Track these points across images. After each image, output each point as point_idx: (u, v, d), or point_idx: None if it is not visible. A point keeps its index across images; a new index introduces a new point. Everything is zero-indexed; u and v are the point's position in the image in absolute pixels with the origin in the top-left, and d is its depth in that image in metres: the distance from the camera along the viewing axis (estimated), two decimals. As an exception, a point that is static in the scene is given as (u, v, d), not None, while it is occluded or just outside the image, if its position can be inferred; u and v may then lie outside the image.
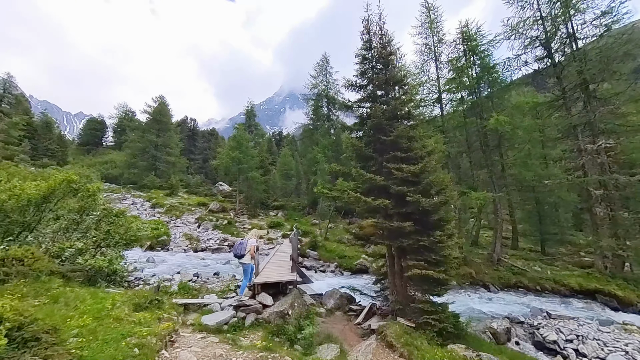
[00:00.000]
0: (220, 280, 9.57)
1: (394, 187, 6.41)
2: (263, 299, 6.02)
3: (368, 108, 8.21)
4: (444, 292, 6.37)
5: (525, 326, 7.92)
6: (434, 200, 6.06)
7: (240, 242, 6.64)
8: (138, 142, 38.77)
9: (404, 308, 6.59)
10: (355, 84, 8.69)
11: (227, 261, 13.24)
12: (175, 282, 8.57)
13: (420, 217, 6.76)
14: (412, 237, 6.42)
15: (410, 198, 6.03)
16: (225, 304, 6.09)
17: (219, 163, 27.68)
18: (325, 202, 21.56)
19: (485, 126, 15.14)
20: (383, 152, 7.72)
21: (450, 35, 17.71)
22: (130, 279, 8.05)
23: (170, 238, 15.88)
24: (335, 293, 7.98)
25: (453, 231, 6.79)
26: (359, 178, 6.94)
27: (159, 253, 13.93)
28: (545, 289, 12.68)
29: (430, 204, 6.09)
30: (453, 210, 11.87)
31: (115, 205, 23.55)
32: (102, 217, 7.35)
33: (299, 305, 6.34)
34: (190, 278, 9.28)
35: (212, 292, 7.59)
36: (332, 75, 35.21)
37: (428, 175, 6.57)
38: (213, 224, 21.19)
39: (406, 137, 7.37)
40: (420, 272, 5.95)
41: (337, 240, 19.01)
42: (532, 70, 16.50)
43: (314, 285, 11.20)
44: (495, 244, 14.60)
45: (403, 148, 7.25)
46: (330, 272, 13.89)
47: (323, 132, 32.56)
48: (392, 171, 6.71)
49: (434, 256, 6.17)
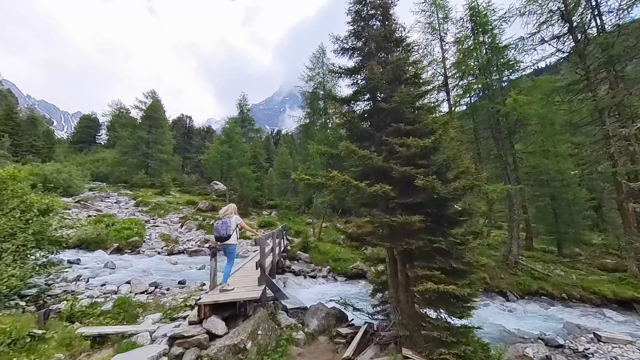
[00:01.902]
0: (183, 291, 7.80)
1: (397, 168, 4.62)
2: (212, 326, 4.25)
3: (364, 73, 6.43)
4: (468, 314, 4.58)
5: (568, 351, 6.13)
6: (454, 185, 4.26)
7: (222, 222, 5.22)
8: (128, 139, 37.08)
9: (411, 334, 4.80)
10: (346, 46, 6.92)
11: (203, 265, 11.48)
12: (120, 294, 6.81)
13: (432, 209, 4.98)
14: (423, 236, 4.64)
15: (421, 182, 4.24)
16: (160, 332, 4.34)
17: (207, 158, 25.91)
18: (320, 199, 19.77)
19: (498, 111, 13.36)
20: (382, 127, 5.94)
21: (457, 13, 15.89)
22: (57, 291, 6.26)
23: (143, 239, 14.11)
24: (320, 309, 6.19)
25: (480, 228, 5.00)
26: (350, 157, 5.15)
27: (126, 256, 12.17)
28: (573, 297, 10.85)
29: (449, 190, 4.30)
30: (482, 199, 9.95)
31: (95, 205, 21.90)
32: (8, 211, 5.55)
33: (265, 331, 4.56)
34: (145, 289, 7.51)
35: (160, 311, 5.83)
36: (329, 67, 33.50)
37: (443, 153, 4.79)
38: (198, 224, 19.45)
39: (412, 104, 5.60)
40: (435, 288, 4.16)
41: (331, 241, 17.23)
42: (542, 60, 14.67)
43: (301, 295, 9.42)
44: (511, 244, 12.79)
45: (408, 119, 5.48)
46: (322, 278, 12.12)
47: (319, 126, 30.84)
48: (394, 148, 4.94)
49: (454, 263, 4.40)
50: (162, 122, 40.80)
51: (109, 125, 55.94)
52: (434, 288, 4.22)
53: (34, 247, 5.65)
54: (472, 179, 4.25)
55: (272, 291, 5.36)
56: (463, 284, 4.47)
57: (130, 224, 14.90)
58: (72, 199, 20.75)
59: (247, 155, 26.81)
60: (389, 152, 5.47)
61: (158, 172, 36.21)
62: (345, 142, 4.75)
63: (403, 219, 4.29)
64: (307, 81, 33.37)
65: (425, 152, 4.88)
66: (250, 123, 35.33)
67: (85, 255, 11.40)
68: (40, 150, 37.50)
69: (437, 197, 4.48)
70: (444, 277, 4.51)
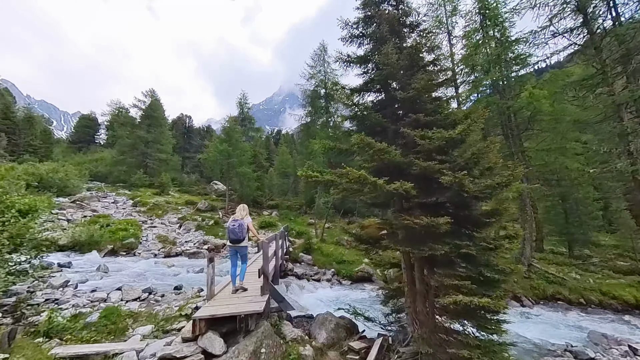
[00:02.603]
0: (178, 297, 7.24)
1: (420, 163, 4.05)
2: (209, 344, 3.70)
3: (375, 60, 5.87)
4: (500, 329, 4.01)
5: (601, 367, 5.58)
6: (486, 182, 3.69)
7: (234, 224, 5.10)
8: (127, 138, 36.54)
9: (434, 351, 4.24)
10: (356, 32, 6.37)
11: (202, 269, 10.91)
12: (110, 302, 6.25)
13: (456, 209, 4.43)
14: (448, 240, 4.08)
15: (448, 179, 3.68)
16: (149, 351, 3.78)
17: (206, 157, 25.35)
18: (323, 199, 19.22)
19: (509, 107, 12.81)
20: (397, 119, 5.39)
21: (465, 5, 15.33)
22: (39, 300, 5.69)
23: (139, 241, 13.54)
24: (329, 320, 5.63)
25: (516, 230, 4.43)
26: (364, 152, 4.59)
27: (121, 259, 11.61)
28: (591, 303, 10.30)
29: (480, 188, 3.73)
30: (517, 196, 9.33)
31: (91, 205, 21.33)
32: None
33: (269, 348, 4.00)
34: (138, 295, 6.95)
35: (152, 322, 5.26)
36: (331, 65, 32.98)
37: (471, 145, 4.23)
38: (197, 224, 18.88)
39: (431, 93, 5.05)
40: (468, 301, 3.59)
41: (335, 242, 16.69)
42: (555, 54, 14.08)
43: (305, 300, 8.87)
44: (524, 246, 12.22)
45: (427, 110, 4.92)
46: (326, 281, 11.55)
47: (321, 125, 30.31)
48: (414, 141, 4.38)
49: (486, 272, 3.83)
50: (162, 121, 40.24)
51: (108, 125, 55.46)
52: (465, 301, 3.65)
53: (11, 251, 5.09)
54: (507, 175, 3.69)
55: (277, 301, 4.81)
56: (497, 295, 3.92)
57: (126, 225, 14.35)
58: (68, 199, 20.20)
59: (247, 154, 26.27)
60: (405, 146, 4.93)
61: (157, 172, 35.64)
62: (359, 135, 4.19)
63: (429, 220, 3.72)
64: (309, 79, 32.89)
65: (449, 145, 4.32)
66: (250, 122, 34.78)
67: (78, 258, 10.85)
68: (37, 150, 36.98)
69: (464, 196, 3.92)
70: (473, 287, 3.97)
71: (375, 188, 3.97)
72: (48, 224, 6.65)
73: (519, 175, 3.74)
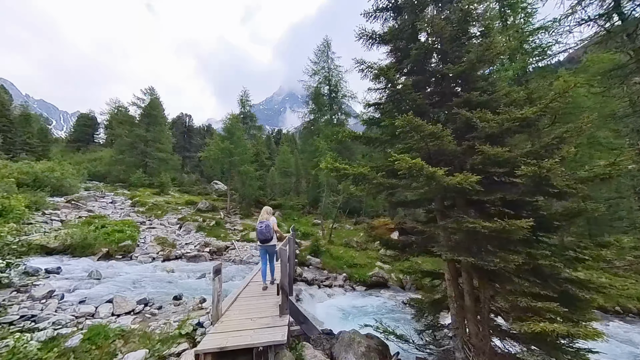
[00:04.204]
0: (178, 310, 6.35)
1: (485, 149, 3.16)
2: (216, 386, 2.83)
3: (406, 37, 4.96)
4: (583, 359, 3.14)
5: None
6: (582, 175, 2.80)
7: (261, 225, 5.52)
8: (126, 137, 35.66)
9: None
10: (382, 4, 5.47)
11: (203, 274, 10.05)
12: (98, 318, 5.37)
13: (525, 208, 3.54)
14: (520, 248, 3.19)
15: (530, 169, 2.79)
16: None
17: (207, 155, 24.46)
18: (330, 197, 18.32)
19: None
20: (439, 102, 4.51)
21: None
22: (12, 317, 4.79)
23: (136, 243, 12.66)
24: (357, 341, 4.73)
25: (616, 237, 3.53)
26: (409, 138, 3.69)
27: (116, 263, 10.72)
28: (629, 311, 9.43)
29: (569, 183, 2.84)
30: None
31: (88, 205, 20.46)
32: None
33: (294, 387, 3.12)
34: (131, 308, 6.07)
35: (146, 344, 4.38)
36: (334, 61, 32.11)
37: (553, 129, 3.36)
38: (197, 225, 18.00)
39: (484, 70, 4.16)
40: (550, 328, 2.71)
41: (343, 244, 15.79)
42: (581, 43, 13.18)
43: (319, 311, 7.98)
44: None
45: (482, 87, 4.04)
46: (338, 287, 10.66)
47: (325, 123, 29.44)
48: (468, 124, 3.50)
49: (577, 289, 2.95)
50: (161, 120, 39.35)
51: (107, 124, 54.62)
52: (550, 329, 2.77)
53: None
54: (611, 164, 2.80)
55: (298, 323, 3.94)
56: (586, 318, 3.04)
57: (123, 226, 13.46)
58: (64, 199, 19.32)
59: (249, 152, 25.38)
60: (455, 132, 4.04)
61: (156, 171, 34.76)
62: (406, 115, 3.30)
63: (505, 223, 2.83)
64: (312, 75, 31.99)
65: (519, 129, 3.43)
66: (252, 120, 33.90)
67: (69, 262, 9.96)
68: (34, 149, 36.16)
69: (548, 192, 3.03)
70: (553, 307, 3.08)
71: (431, 178, 3.08)
72: (30, 226, 5.76)
73: (626, 164, 2.86)
